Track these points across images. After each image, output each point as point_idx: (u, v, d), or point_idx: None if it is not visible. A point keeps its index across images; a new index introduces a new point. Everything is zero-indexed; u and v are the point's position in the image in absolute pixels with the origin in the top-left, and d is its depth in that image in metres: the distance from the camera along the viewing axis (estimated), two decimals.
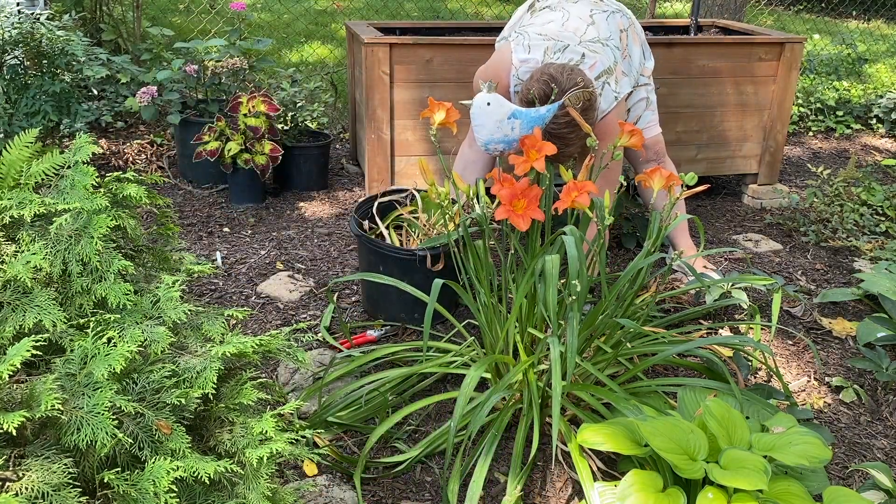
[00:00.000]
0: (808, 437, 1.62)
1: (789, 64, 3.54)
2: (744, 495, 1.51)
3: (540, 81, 2.28)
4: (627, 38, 2.67)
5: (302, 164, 3.60)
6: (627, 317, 2.07)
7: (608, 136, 2.48)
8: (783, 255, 3.23)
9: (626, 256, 3.14)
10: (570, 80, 2.26)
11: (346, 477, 1.91)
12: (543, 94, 2.27)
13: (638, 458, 1.73)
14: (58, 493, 1.12)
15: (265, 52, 4.37)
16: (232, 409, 1.40)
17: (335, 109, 4.48)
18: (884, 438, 2.17)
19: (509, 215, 1.86)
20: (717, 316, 2.71)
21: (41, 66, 3.54)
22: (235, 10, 3.88)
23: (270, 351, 1.50)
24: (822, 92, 5.18)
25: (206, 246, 3.09)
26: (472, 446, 1.98)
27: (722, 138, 3.63)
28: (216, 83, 3.73)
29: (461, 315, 2.60)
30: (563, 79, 2.26)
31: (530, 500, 1.88)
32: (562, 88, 2.25)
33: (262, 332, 2.52)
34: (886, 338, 2.48)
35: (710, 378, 2.08)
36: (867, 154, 4.69)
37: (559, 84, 2.25)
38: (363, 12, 7.16)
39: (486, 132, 2.34)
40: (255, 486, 1.33)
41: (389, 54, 3.16)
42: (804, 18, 8.73)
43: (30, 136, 1.48)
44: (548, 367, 1.87)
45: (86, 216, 1.38)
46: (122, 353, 1.22)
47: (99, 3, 4.61)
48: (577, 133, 2.28)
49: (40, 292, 1.31)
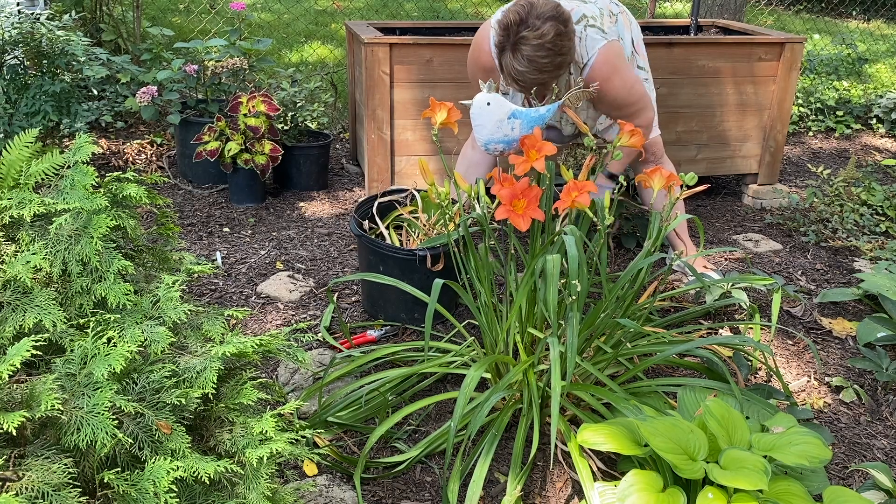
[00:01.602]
0: (808, 437, 1.62)
1: (789, 64, 3.54)
2: (744, 495, 1.51)
3: (517, 5, 2.25)
4: (617, 22, 2.63)
5: (302, 164, 3.60)
6: (627, 317, 2.07)
7: (605, 81, 2.44)
8: (783, 255, 3.23)
9: (626, 256, 3.14)
10: (547, 5, 2.22)
11: (346, 477, 1.91)
12: (518, 18, 2.22)
13: (638, 458, 1.72)
14: (58, 493, 1.12)
15: (265, 52, 4.37)
16: (232, 409, 1.40)
17: (335, 109, 4.48)
18: (884, 438, 2.17)
19: (509, 215, 1.86)
20: (717, 316, 2.72)
21: (41, 66, 3.54)
22: (235, 10, 3.88)
23: (270, 351, 1.50)
24: (822, 92, 5.18)
25: (206, 246, 3.09)
26: (471, 446, 1.98)
27: (722, 138, 3.63)
28: (216, 83, 3.73)
29: (461, 315, 2.60)
30: (538, 2, 2.23)
31: (530, 500, 1.88)
32: (537, 13, 2.21)
33: (262, 332, 2.52)
34: (886, 338, 2.48)
35: (710, 378, 2.08)
36: (867, 154, 4.69)
37: (535, 7, 2.22)
38: (363, 12, 7.16)
39: (486, 132, 2.34)
40: (255, 486, 1.33)
41: (389, 54, 3.16)
42: (804, 18, 8.73)
43: (30, 136, 1.48)
44: (548, 367, 1.87)
45: (86, 216, 1.38)
46: (122, 353, 1.22)
47: (99, 3, 4.61)
48: (551, 60, 2.24)
49: (40, 292, 1.31)
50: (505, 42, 2.26)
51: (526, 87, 2.34)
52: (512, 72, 2.29)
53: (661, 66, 3.38)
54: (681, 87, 3.47)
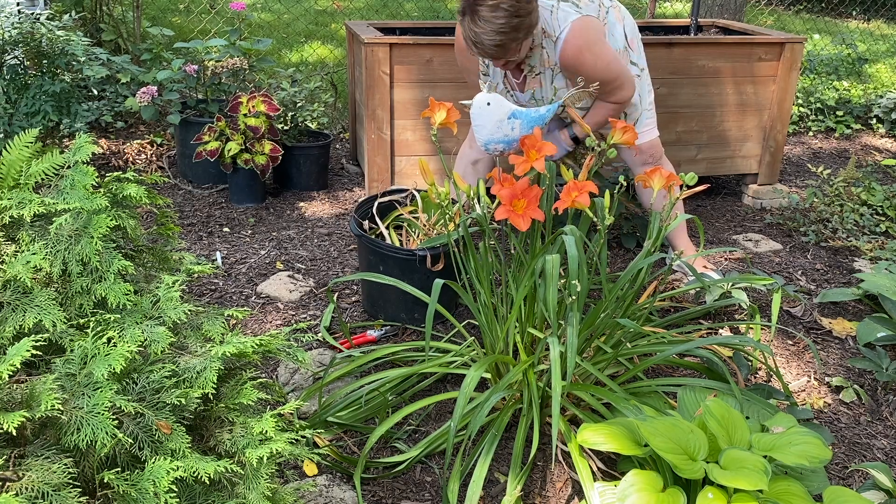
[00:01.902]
0: (808, 437, 1.62)
1: (789, 64, 3.54)
2: (744, 495, 1.51)
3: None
4: (607, 13, 2.59)
5: (302, 164, 3.60)
6: (627, 317, 2.07)
7: (577, 54, 2.41)
8: (783, 255, 3.23)
9: (626, 256, 3.14)
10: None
11: (346, 477, 1.91)
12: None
13: (638, 458, 1.72)
14: (58, 493, 1.12)
15: (265, 52, 4.37)
16: (232, 409, 1.40)
17: (335, 109, 4.48)
18: (884, 438, 2.17)
19: (509, 215, 1.86)
20: (717, 316, 2.71)
21: (41, 66, 3.54)
22: (235, 10, 3.88)
23: (270, 351, 1.50)
24: (822, 92, 5.18)
25: (206, 246, 3.09)
26: (471, 446, 1.98)
27: (722, 138, 3.63)
28: (216, 83, 3.73)
29: (461, 315, 2.60)
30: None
31: (530, 500, 1.88)
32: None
33: (262, 332, 2.52)
34: (886, 338, 2.48)
35: (710, 378, 2.08)
36: (867, 154, 4.69)
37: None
38: (363, 12, 7.16)
39: (486, 132, 2.34)
40: (255, 486, 1.33)
41: (389, 54, 3.16)
42: (804, 18, 8.73)
43: (30, 136, 1.48)
44: (548, 367, 1.87)
45: (86, 216, 1.38)
46: (122, 353, 1.22)
47: (99, 3, 4.61)
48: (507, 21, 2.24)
49: (40, 292, 1.31)
50: (465, 7, 2.27)
51: (485, 52, 2.32)
52: (471, 35, 2.28)
53: (661, 66, 3.38)
54: (681, 87, 3.47)
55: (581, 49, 2.42)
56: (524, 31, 2.30)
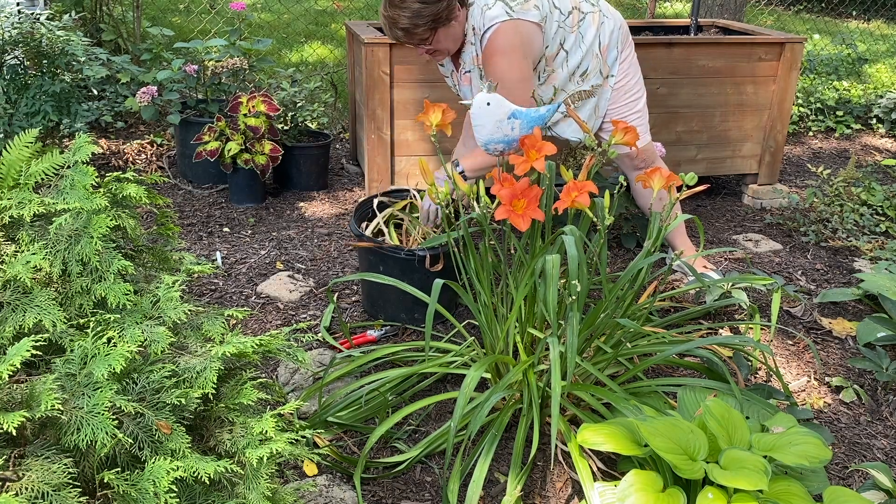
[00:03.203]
0: (808, 437, 1.62)
1: (789, 64, 3.54)
2: (744, 495, 1.51)
3: None
4: (583, 18, 2.55)
5: (302, 164, 3.60)
6: (627, 317, 2.07)
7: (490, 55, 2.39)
8: (783, 255, 3.23)
9: (626, 256, 3.14)
10: None
11: (346, 477, 1.91)
12: None
13: (638, 459, 1.72)
14: (58, 493, 1.12)
15: (265, 52, 4.37)
16: (232, 409, 1.40)
17: (335, 109, 4.48)
18: (884, 438, 2.17)
19: (509, 215, 1.86)
20: (717, 316, 2.71)
21: (41, 66, 3.54)
22: (235, 10, 3.88)
23: (270, 351, 1.50)
24: (822, 92, 5.18)
25: (206, 246, 3.09)
26: (471, 446, 1.98)
27: (722, 138, 3.63)
28: (216, 83, 3.73)
29: (461, 315, 2.60)
30: None
31: (530, 500, 1.88)
32: None
33: (262, 332, 2.52)
34: (886, 338, 2.48)
35: (710, 378, 2.08)
36: (867, 154, 4.69)
37: None
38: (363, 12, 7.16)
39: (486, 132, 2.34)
40: (255, 486, 1.33)
41: (389, 54, 3.16)
42: (804, 18, 8.73)
43: (30, 136, 1.48)
44: (548, 367, 1.87)
45: (85, 216, 1.38)
46: (122, 353, 1.22)
47: (99, 3, 4.61)
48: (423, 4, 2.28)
49: (40, 292, 1.30)
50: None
51: (400, 32, 2.34)
52: (387, 19, 2.32)
53: (661, 66, 3.38)
54: (681, 87, 3.47)
55: (496, 51, 2.39)
56: (441, 17, 2.31)
